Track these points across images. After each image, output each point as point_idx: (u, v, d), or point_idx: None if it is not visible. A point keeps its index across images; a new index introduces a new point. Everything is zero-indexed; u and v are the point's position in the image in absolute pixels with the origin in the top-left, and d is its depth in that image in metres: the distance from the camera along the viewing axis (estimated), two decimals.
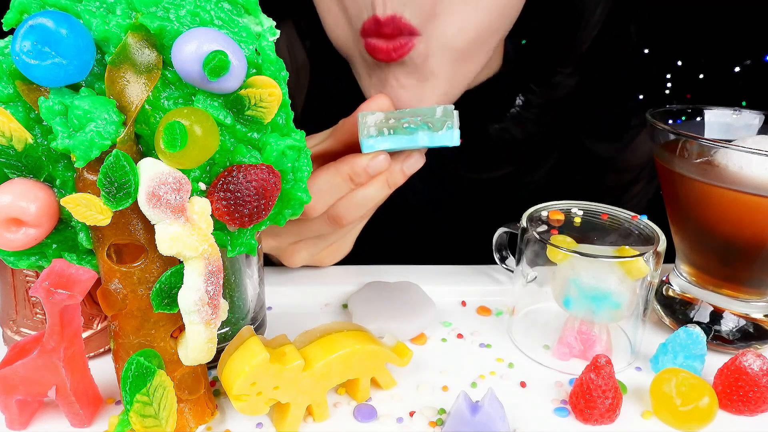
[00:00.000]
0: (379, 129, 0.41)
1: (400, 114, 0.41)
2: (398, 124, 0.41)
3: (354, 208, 0.44)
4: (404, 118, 0.41)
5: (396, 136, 0.41)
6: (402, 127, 0.41)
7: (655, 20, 0.64)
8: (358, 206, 0.44)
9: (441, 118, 0.41)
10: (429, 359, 0.41)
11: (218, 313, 0.30)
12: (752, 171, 0.38)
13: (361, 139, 0.42)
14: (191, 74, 0.28)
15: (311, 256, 0.50)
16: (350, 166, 0.42)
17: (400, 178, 0.44)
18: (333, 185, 0.43)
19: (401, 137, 0.41)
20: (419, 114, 0.41)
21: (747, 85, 0.67)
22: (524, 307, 0.45)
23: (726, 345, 0.42)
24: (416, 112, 0.41)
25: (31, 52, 0.26)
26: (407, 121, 0.41)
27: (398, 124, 0.41)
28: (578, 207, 0.43)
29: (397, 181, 0.44)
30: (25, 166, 0.29)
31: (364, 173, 0.42)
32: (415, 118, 0.41)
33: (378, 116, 0.41)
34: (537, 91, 0.61)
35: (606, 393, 0.34)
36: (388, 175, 0.43)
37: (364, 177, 0.43)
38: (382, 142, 0.41)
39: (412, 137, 0.41)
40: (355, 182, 0.43)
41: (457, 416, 0.32)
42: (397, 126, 0.41)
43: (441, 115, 0.41)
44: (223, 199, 0.29)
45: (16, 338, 0.39)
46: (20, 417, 0.33)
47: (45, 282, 0.29)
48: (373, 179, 0.43)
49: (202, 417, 0.34)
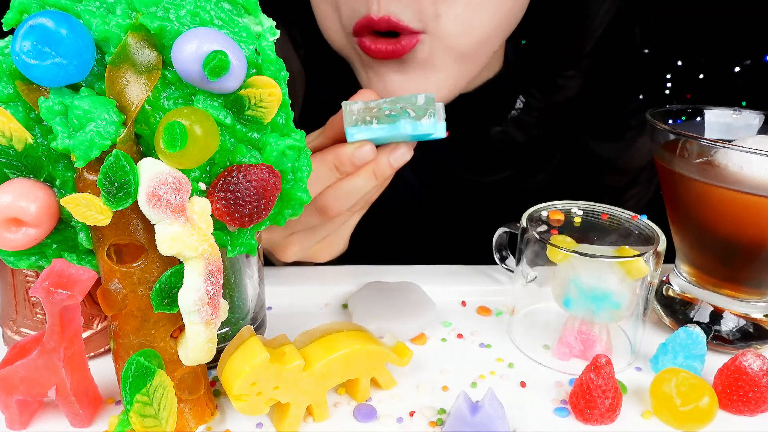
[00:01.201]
0: (362, 118, 0.41)
1: (383, 102, 0.41)
2: (380, 113, 0.41)
3: (340, 199, 0.44)
4: (385, 106, 0.41)
5: (379, 125, 0.41)
6: (384, 115, 0.41)
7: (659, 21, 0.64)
8: (345, 196, 0.44)
9: (423, 106, 0.41)
10: (429, 359, 0.41)
11: (218, 313, 0.30)
12: (752, 171, 0.38)
13: (345, 128, 0.42)
14: (191, 74, 0.28)
15: (303, 250, 0.49)
16: (335, 155, 0.42)
17: (388, 169, 0.43)
18: (318, 174, 0.42)
19: (384, 126, 0.41)
20: (401, 102, 0.41)
21: (747, 85, 0.67)
22: (524, 307, 0.45)
23: (726, 345, 0.42)
24: (398, 100, 0.41)
25: (31, 52, 0.26)
26: (389, 109, 0.41)
27: (380, 113, 0.41)
28: (578, 207, 0.43)
29: (384, 173, 0.43)
30: (25, 166, 0.29)
31: (350, 162, 0.42)
32: (396, 106, 0.41)
33: (360, 105, 0.41)
34: (538, 94, 0.61)
35: (606, 393, 0.34)
36: (375, 166, 0.43)
37: (349, 166, 0.42)
38: (366, 130, 0.41)
39: (395, 125, 0.41)
40: (340, 171, 0.43)
41: (457, 416, 0.32)
42: (379, 115, 0.41)
43: (423, 102, 0.41)
44: (223, 199, 0.29)
45: (16, 338, 0.39)
46: (20, 417, 0.33)
47: (45, 282, 0.29)
48: (359, 170, 0.43)
49: (202, 417, 0.34)
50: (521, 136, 0.62)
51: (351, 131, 0.41)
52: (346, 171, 0.43)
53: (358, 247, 0.56)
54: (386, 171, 0.43)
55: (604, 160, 0.66)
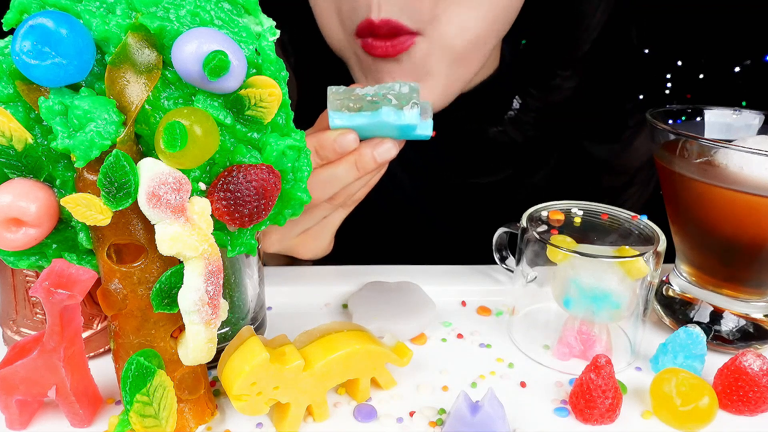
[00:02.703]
0: (345, 104, 0.41)
1: (368, 89, 0.41)
2: (363, 100, 0.41)
3: (320, 186, 0.43)
4: (369, 92, 0.41)
5: (362, 112, 0.41)
6: (367, 101, 0.41)
7: (656, 21, 0.64)
8: (324, 184, 0.43)
9: (406, 95, 0.41)
10: (429, 359, 0.41)
11: (218, 313, 0.30)
12: (752, 171, 0.38)
13: (328, 113, 0.42)
14: (191, 74, 0.28)
15: (282, 240, 0.49)
16: (317, 139, 0.42)
17: (371, 162, 0.42)
18: None
19: (367, 113, 0.41)
20: (384, 89, 0.41)
21: (747, 85, 0.67)
22: (524, 307, 0.45)
23: (726, 345, 0.42)
24: (381, 88, 0.41)
25: (31, 52, 0.26)
26: (372, 96, 0.41)
27: (363, 99, 0.41)
28: (578, 207, 0.43)
29: (367, 166, 0.43)
30: (25, 166, 0.29)
31: (331, 148, 0.42)
32: (379, 93, 0.41)
33: (344, 89, 0.42)
34: (535, 94, 0.62)
35: (606, 393, 0.34)
36: (358, 157, 0.42)
37: (330, 152, 0.42)
38: (348, 117, 0.41)
39: (377, 112, 0.41)
40: (321, 156, 0.42)
41: (457, 416, 0.32)
42: (362, 102, 0.41)
43: (407, 91, 0.41)
44: (223, 199, 0.29)
45: (16, 338, 0.39)
46: (20, 417, 0.33)
47: (45, 282, 0.29)
48: (341, 159, 0.42)
49: (202, 417, 0.34)
50: (519, 137, 0.62)
51: (333, 116, 0.41)
52: (327, 157, 0.42)
53: (358, 248, 0.56)
54: (369, 164, 0.43)
55: (602, 160, 0.66)
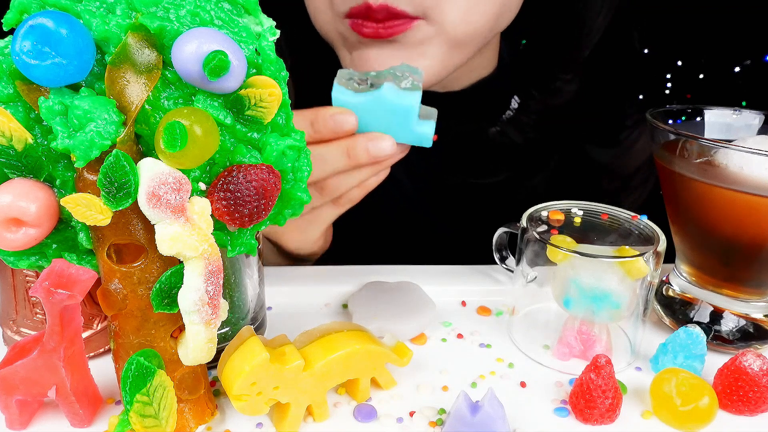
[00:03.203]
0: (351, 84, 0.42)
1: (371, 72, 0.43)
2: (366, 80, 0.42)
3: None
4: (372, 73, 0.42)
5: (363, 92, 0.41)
6: (369, 84, 0.42)
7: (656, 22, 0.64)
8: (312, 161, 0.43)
9: (405, 73, 0.41)
10: (429, 359, 0.41)
11: (218, 313, 0.30)
12: (752, 171, 0.38)
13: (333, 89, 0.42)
14: (191, 74, 0.28)
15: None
16: (315, 111, 0.41)
17: (363, 154, 0.42)
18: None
19: (367, 92, 0.41)
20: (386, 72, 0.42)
21: (747, 85, 0.67)
22: (524, 307, 0.45)
23: (726, 345, 0.42)
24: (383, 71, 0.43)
25: (31, 52, 0.26)
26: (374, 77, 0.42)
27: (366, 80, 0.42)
28: (578, 207, 0.43)
29: (358, 155, 0.42)
30: (25, 166, 0.29)
31: (327, 124, 0.41)
32: (381, 73, 0.42)
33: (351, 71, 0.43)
34: (536, 96, 0.61)
35: (606, 393, 0.34)
36: (350, 143, 0.42)
37: (323, 127, 0.41)
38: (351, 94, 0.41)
39: (379, 89, 0.41)
40: (314, 129, 0.41)
41: (457, 416, 0.32)
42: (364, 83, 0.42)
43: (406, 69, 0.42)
44: (223, 199, 0.29)
45: (16, 338, 0.39)
46: (20, 417, 0.33)
47: (45, 282, 0.29)
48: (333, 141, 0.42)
49: (202, 417, 0.34)
50: (520, 138, 0.62)
51: (335, 93, 0.41)
52: (320, 132, 0.41)
53: (358, 248, 0.56)
54: (361, 154, 0.42)
55: (602, 164, 0.66)
